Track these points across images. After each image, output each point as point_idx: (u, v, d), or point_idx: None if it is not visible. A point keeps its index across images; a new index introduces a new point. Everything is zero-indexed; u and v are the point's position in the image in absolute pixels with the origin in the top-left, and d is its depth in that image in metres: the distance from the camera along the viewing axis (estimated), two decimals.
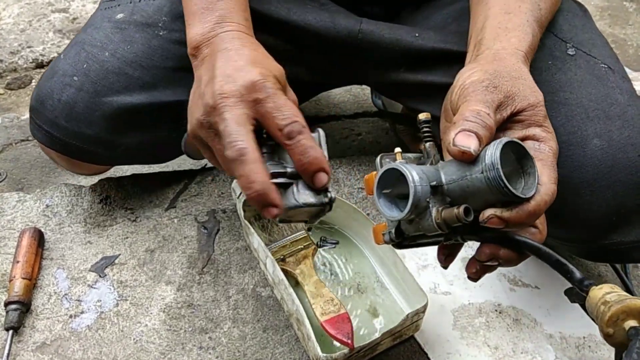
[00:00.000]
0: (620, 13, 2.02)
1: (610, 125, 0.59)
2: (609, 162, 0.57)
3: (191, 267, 0.72)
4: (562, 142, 0.56)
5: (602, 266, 0.76)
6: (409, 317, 0.62)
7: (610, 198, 0.58)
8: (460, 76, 0.50)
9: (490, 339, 0.67)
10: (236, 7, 0.56)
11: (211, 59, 0.52)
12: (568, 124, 0.59)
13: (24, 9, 1.84)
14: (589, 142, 0.58)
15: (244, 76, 0.48)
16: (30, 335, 0.65)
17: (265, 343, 0.65)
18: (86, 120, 0.67)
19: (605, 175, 0.57)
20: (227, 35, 0.53)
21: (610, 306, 0.38)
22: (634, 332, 0.37)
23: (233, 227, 0.77)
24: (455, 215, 0.42)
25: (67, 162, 0.73)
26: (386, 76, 0.75)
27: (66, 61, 0.69)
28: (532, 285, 0.73)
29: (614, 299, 0.38)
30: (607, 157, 0.57)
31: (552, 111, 0.58)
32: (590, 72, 0.62)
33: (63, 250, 0.73)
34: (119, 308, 0.68)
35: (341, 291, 0.70)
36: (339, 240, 0.75)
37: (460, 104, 0.47)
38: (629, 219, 0.60)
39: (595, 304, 0.39)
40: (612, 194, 0.58)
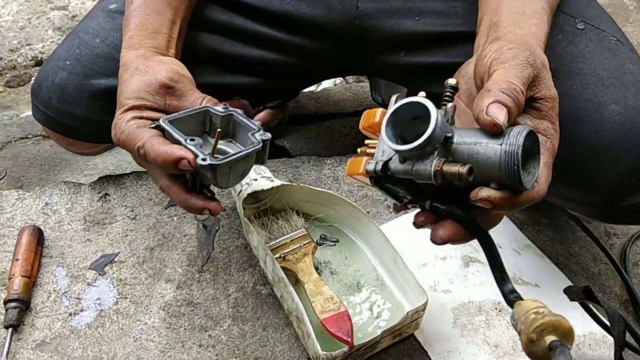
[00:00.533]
0: (621, 11, 2.01)
1: (626, 92, 0.60)
2: (626, 127, 0.58)
3: (191, 265, 0.72)
4: (579, 108, 0.58)
5: (602, 264, 0.76)
6: (409, 315, 0.61)
7: (629, 161, 0.59)
8: (490, 49, 0.47)
9: (490, 337, 0.67)
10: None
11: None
12: (584, 92, 0.60)
13: (23, 6, 1.83)
14: (606, 108, 0.59)
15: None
16: (30, 333, 0.65)
17: (265, 341, 0.65)
18: (76, 101, 0.71)
19: (623, 138, 0.58)
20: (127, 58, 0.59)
21: (544, 315, 0.39)
22: (558, 344, 0.39)
23: (233, 224, 0.77)
24: (458, 172, 0.41)
25: (64, 140, 0.78)
26: (386, 61, 0.75)
27: (62, 47, 0.74)
28: (532, 283, 0.73)
29: (546, 312, 0.40)
30: (625, 121, 0.58)
31: (567, 81, 0.59)
32: (601, 45, 0.64)
33: (62, 248, 0.73)
34: (119, 306, 0.68)
35: (341, 289, 0.70)
36: (339, 238, 0.75)
37: (495, 69, 0.45)
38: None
39: (525, 312, 0.41)
40: (630, 156, 0.59)
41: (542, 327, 0.39)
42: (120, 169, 1.05)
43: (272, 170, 0.82)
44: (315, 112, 1.16)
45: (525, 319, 0.40)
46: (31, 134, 1.12)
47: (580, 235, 0.78)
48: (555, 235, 0.79)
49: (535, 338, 0.39)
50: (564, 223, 0.80)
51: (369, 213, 0.79)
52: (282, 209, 0.76)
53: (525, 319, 0.40)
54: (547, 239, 0.78)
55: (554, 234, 0.79)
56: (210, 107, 0.55)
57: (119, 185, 0.81)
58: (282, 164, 0.86)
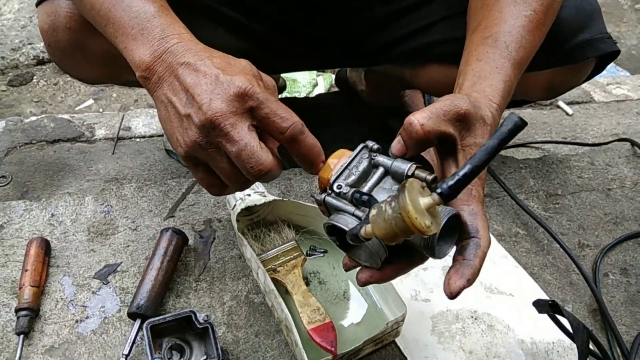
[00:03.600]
0: (615, 10, 2.04)
1: None
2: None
3: (188, 275, 0.77)
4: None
5: (574, 275, 0.81)
6: (389, 325, 0.67)
7: (577, 5, 0.73)
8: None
9: (465, 344, 0.72)
10: (172, 20, 0.53)
11: (172, 77, 0.49)
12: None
13: (24, 4, 1.86)
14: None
15: (228, 88, 0.47)
16: (40, 339, 0.70)
17: (257, 347, 0.71)
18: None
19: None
20: (177, 48, 0.50)
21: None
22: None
23: (228, 235, 0.82)
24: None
25: (75, 41, 0.74)
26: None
27: None
28: (507, 292, 0.78)
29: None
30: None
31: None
32: None
33: (68, 258, 0.78)
34: (122, 313, 0.73)
35: (329, 298, 0.75)
36: (328, 249, 0.80)
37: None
38: (593, 16, 0.77)
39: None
40: (577, 1, 0.73)
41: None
42: (121, 175, 1.10)
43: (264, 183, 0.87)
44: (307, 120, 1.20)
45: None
46: (35, 139, 1.16)
47: (554, 247, 0.83)
48: (531, 246, 0.83)
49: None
50: (540, 235, 0.85)
51: None
52: (274, 221, 0.80)
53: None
54: (524, 250, 0.83)
55: (530, 245, 0.84)
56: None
57: (121, 197, 0.85)
58: None
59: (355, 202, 0.48)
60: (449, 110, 0.49)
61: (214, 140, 0.48)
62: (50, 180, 1.09)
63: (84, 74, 0.89)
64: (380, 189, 0.49)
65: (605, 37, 0.79)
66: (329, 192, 0.50)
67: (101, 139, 1.18)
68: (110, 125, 1.21)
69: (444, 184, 0.41)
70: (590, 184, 0.92)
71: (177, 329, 0.68)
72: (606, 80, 1.39)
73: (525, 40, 0.61)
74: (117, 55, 0.81)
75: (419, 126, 0.48)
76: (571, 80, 0.85)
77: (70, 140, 1.18)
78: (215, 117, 0.46)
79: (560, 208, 0.89)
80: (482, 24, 0.62)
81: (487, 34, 0.60)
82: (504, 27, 0.60)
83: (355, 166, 0.50)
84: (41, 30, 0.78)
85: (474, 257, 0.47)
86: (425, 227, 0.38)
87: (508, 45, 0.59)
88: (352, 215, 0.47)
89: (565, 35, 0.75)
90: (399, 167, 0.48)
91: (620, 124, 1.25)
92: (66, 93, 1.68)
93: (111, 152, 1.15)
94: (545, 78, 0.81)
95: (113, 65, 0.84)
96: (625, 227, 0.87)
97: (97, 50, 0.78)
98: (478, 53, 0.59)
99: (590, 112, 1.30)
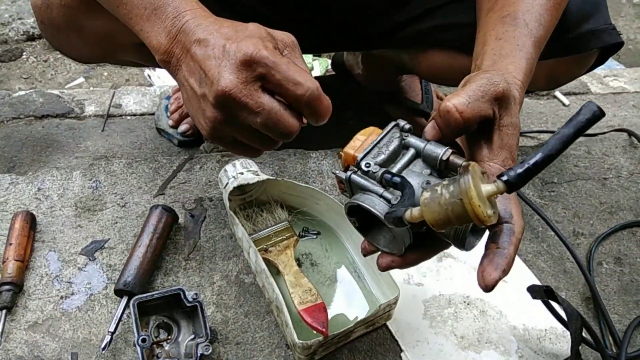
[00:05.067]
0: (613, 4, 2.03)
1: None
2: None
3: (177, 253, 0.76)
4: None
5: (568, 263, 0.80)
6: (381, 307, 0.66)
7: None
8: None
9: (457, 329, 0.72)
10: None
11: (188, 56, 0.48)
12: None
13: None
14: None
15: (235, 57, 0.45)
16: (23, 314, 0.68)
17: (247, 327, 0.69)
18: None
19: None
20: (189, 26, 0.48)
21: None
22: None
23: (219, 215, 0.80)
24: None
25: (69, 19, 0.71)
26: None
27: None
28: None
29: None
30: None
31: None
32: None
33: (54, 233, 0.76)
34: (108, 291, 0.71)
35: (320, 280, 0.74)
36: (320, 230, 0.79)
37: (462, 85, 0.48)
38: (598, 7, 0.75)
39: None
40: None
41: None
42: (111, 152, 1.07)
43: (258, 163, 0.85)
44: None
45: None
46: (23, 114, 1.14)
47: (549, 235, 0.82)
48: (526, 234, 0.83)
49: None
50: (535, 223, 0.84)
51: None
52: (267, 201, 0.79)
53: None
54: None
55: (525, 232, 0.83)
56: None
57: (110, 173, 0.83)
58: (269, 157, 0.89)
59: (385, 183, 0.46)
60: (487, 91, 0.46)
61: (235, 114, 0.46)
62: (38, 156, 1.06)
63: (77, 52, 0.86)
64: (410, 172, 0.46)
65: (610, 28, 0.77)
66: (355, 170, 0.47)
67: (91, 115, 1.15)
68: (100, 102, 1.18)
69: (512, 171, 0.38)
70: (586, 172, 0.92)
71: (164, 307, 0.66)
72: (603, 73, 1.38)
73: (543, 18, 0.59)
74: (112, 35, 0.79)
75: (458, 114, 0.45)
76: (574, 71, 0.84)
77: (59, 116, 1.15)
78: (226, 91, 0.44)
79: (556, 196, 0.88)
80: (498, 3, 0.60)
81: (504, 13, 0.58)
82: (522, 6, 0.59)
83: (386, 145, 0.48)
84: (34, 6, 0.75)
85: (508, 245, 0.44)
86: (486, 217, 0.36)
87: (528, 23, 0.58)
88: (380, 197, 0.45)
89: (570, 24, 0.73)
90: (433, 150, 0.46)
91: (616, 116, 1.25)
92: (56, 70, 1.64)
93: (101, 130, 1.13)
94: (547, 67, 0.79)
95: (107, 44, 0.81)
96: (620, 217, 0.86)
97: (92, 29, 0.75)
98: (497, 32, 0.57)
99: None
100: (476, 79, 0.47)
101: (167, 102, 1.15)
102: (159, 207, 0.75)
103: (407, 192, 0.43)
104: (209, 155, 0.88)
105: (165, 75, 1.56)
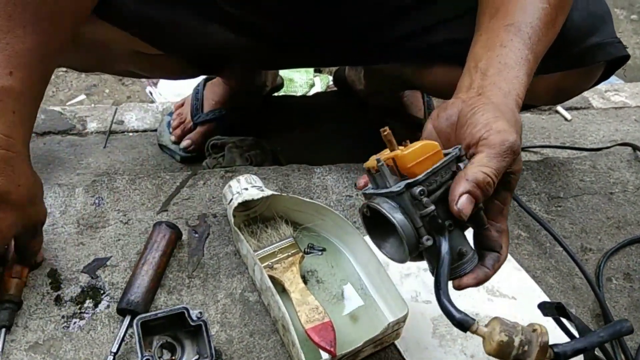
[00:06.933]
0: None
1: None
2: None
3: (181, 271, 0.74)
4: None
5: (577, 279, 0.79)
6: (390, 326, 0.64)
7: (588, 8, 0.73)
8: (479, 119, 0.51)
9: (467, 348, 0.70)
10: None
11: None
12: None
13: None
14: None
15: None
16: (24, 334, 0.67)
17: (252, 347, 0.68)
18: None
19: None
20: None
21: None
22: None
23: (223, 231, 0.79)
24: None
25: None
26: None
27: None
28: (510, 296, 0.76)
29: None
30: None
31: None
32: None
33: (56, 250, 0.75)
34: (111, 309, 0.70)
35: (326, 298, 0.73)
36: (326, 247, 0.78)
37: (481, 150, 0.50)
38: (604, 20, 0.77)
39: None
40: (588, 4, 0.73)
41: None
42: (113, 169, 1.07)
43: (262, 178, 0.84)
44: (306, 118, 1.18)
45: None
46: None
47: (557, 250, 0.81)
48: (534, 249, 0.82)
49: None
50: (542, 238, 0.83)
51: (356, 223, 0.82)
52: (271, 217, 0.78)
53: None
54: (526, 253, 0.81)
55: (532, 248, 0.82)
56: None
57: (112, 190, 0.83)
58: (273, 172, 0.88)
59: (429, 223, 0.48)
60: (505, 150, 0.49)
61: None
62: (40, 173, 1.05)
63: (73, 60, 0.87)
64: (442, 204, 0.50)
65: (616, 42, 0.78)
66: (404, 190, 0.48)
67: (93, 132, 1.15)
68: (102, 118, 1.18)
69: (566, 346, 0.48)
70: (592, 187, 0.91)
71: (168, 326, 0.65)
72: (604, 87, 1.39)
73: (542, 33, 0.60)
74: (108, 43, 0.80)
75: (492, 184, 0.49)
76: (580, 85, 0.84)
77: (60, 133, 1.15)
78: None
79: (563, 211, 0.87)
80: (501, 10, 0.61)
81: (508, 21, 0.59)
82: (525, 17, 0.59)
83: (441, 174, 0.49)
84: None
85: (490, 268, 0.54)
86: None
87: (530, 36, 0.58)
88: (415, 230, 0.49)
89: (576, 38, 0.74)
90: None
91: (618, 131, 1.25)
92: (57, 87, 1.64)
93: (103, 146, 1.12)
94: (554, 81, 0.79)
95: (103, 52, 0.82)
96: (628, 232, 0.85)
97: (85, 38, 0.76)
98: (502, 39, 0.57)
99: (589, 118, 1.30)
100: (489, 137, 0.50)
101: (169, 119, 1.15)
102: (162, 223, 0.74)
103: (441, 261, 0.50)
104: (212, 171, 0.88)
105: (166, 91, 1.56)
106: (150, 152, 1.11)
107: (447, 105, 0.56)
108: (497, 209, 0.54)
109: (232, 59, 0.94)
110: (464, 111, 0.53)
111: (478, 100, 0.53)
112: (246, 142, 1.05)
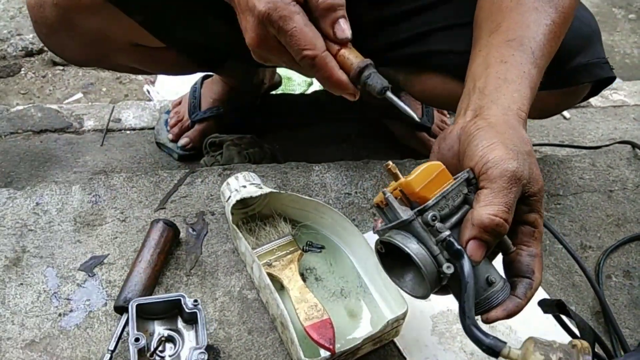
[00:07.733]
0: (609, 19, 2.05)
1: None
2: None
3: (179, 269, 0.74)
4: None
5: (576, 276, 0.79)
6: (389, 323, 0.64)
7: (576, 27, 0.69)
8: (478, 146, 0.49)
9: (466, 345, 0.70)
10: None
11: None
12: None
13: None
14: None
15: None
16: (20, 333, 0.66)
17: (250, 345, 0.67)
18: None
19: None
20: None
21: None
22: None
23: (221, 229, 0.79)
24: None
25: (62, 18, 0.74)
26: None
27: None
28: None
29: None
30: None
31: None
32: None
33: (53, 248, 0.74)
34: (108, 307, 0.69)
35: (325, 295, 0.72)
36: (325, 245, 0.77)
37: (483, 185, 0.48)
38: (591, 40, 0.75)
39: None
40: (578, 23, 0.69)
41: None
42: (110, 167, 1.06)
43: (261, 176, 0.84)
44: (304, 116, 1.18)
45: None
46: (21, 129, 1.13)
47: (557, 248, 0.81)
48: None
49: None
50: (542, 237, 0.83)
51: (355, 221, 0.81)
52: (270, 215, 0.77)
53: None
54: None
55: None
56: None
57: (109, 187, 0.82)
58: (271, 170, 0.87)
59: (445, 248, 0.46)
60: (507, 182, 0.47)
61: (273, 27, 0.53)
62: (36, 171, 1.05)
63: (71, 53, 0.86)
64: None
65: (602, 62, 0.76)
66: (416, 216, 0.46)
67: (90, 130, 1.15)
68: (99, 116, 1.17)
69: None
70: (591, 185, 0.91)
71: (167, 317, 0.64)
72: None
73: (546, 49, 0.58)
74: (106, 35, 0.79)
75: (506, 225, 0.47)
76: (565, 103, 0.84)
77: (57, 131, 1.14)
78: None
79: (562, 209, 0.87)
80: (502, 26, 0.59)
81: (510, 37, 0.57)
82: (529, 32, 0.58)
83: (452, 198, 0.48)
84: (28, 6, 0.76)
85: (523, 297, 0.51)
86: None
87: (534, 51, 0.56)
88: (433, 258, 0.46)
89: (563, 58, 0.71)
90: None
91: (617, 129, 1.25)
92: (54, 86, 1.63)
93: (100, 144, 1.12)
94: (539, 99, 0.77)
95: (101, 45, 0.81)
96: (627, 229, 0.85)
97: (85, 28, 0.76)
98: (502, 55, 0.56)
99: (588, 117, 1.30)
100: (492, 168, 0.47)
101: (166, 117, 1.14)
102: (160, 221, 0.74)
103: (464, 285, 0.46)
104: (210, 169, 0.87)
105: (164, 90, 1.56)
106: (148, 150, 1.10)
107: (446, 135, 0.55)
108: (527, 233, 0.52)
109: (230, 55, 0.93)
110: (461, 139, 0.52)
111: (474, 125, 0.51)
112: (244, 139, 1.04)
